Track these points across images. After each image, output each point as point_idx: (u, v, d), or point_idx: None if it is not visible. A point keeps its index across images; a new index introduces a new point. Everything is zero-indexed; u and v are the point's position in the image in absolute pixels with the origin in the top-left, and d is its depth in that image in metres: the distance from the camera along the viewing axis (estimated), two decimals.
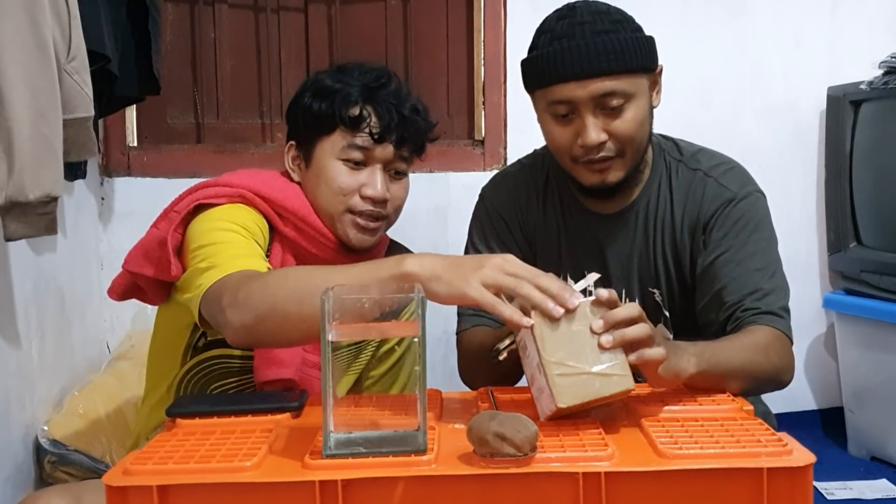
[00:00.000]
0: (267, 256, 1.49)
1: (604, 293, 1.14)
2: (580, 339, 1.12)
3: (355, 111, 1.52)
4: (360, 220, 1.54)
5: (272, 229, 1.53)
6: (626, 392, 1.13)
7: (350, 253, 1.56)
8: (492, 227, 1.63)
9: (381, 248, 1.64)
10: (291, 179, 1.59)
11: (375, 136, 1.52)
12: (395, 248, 1.67)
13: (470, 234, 1.67)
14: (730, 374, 1.29)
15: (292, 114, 1.60)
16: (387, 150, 1.54)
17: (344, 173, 1.53)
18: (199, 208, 1.48)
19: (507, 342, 1.25)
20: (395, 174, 1.57)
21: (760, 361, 1.35)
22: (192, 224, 1.46)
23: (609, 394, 1.12)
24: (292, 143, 1.60)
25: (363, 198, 1.53)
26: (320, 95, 1.54)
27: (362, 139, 1.52)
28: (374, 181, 1.53)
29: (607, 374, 1.11)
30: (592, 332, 1.12)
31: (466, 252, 1.65)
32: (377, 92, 1.54)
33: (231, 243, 1.41)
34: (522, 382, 1.49)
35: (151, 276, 1.50)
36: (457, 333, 1.61)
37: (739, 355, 1.32)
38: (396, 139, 1.53)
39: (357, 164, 1.53)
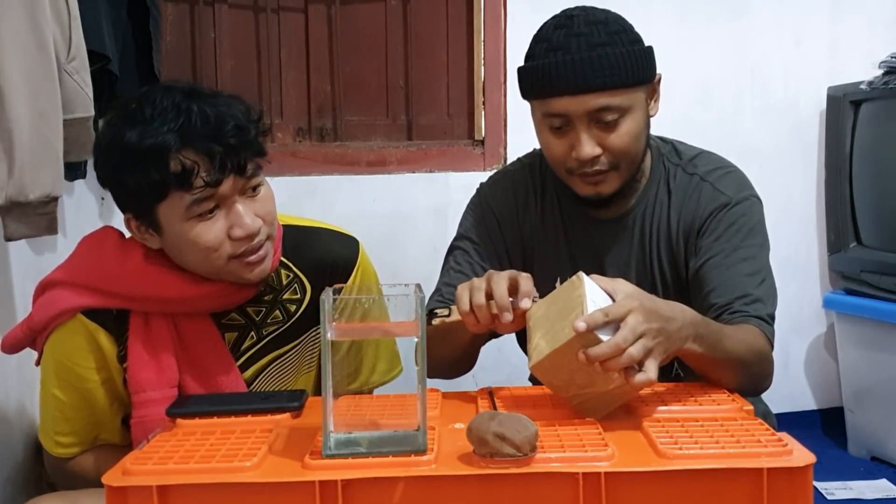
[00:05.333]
0: (125, 344, 1.41)
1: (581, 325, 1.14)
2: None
3: (177, 167, 1.29)
4: (248, 258, 1.37)
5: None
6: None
7: (244, 284, 1.42)
8: (483, 221, 1.61)
9: (277, 257, 1.46)
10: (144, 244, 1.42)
11: (211, 183, 1.31)
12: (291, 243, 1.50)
13: (460, 223, 1.65)
14: (726, 361, 1.30)
15: (109, 186, 1.37)
16: (232, 184, 1.34)
17: (202, 231, 1.33)
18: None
19: (446, 311, 1.35)
20: (252, 191, 1.38)
21: (752, 359, 1.35)
22: (44, 347, 1.43)
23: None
24: (129, 215, 1.38)
25: (235, 240, 1.35)
26: (131, 162, 1.31)
27: (200, 192, 1.31)
28: (237, 220, 1.34)
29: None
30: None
31: (455, 239, 1.63)
32: (188, 131, 1.30)
33: (56, 413, 1.45)
34: (521, 381, 1.50)
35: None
36: None
37: (738, 347, 1.32)
38: (235, 170, 1.33)
39: (210, 212, 1.34)
